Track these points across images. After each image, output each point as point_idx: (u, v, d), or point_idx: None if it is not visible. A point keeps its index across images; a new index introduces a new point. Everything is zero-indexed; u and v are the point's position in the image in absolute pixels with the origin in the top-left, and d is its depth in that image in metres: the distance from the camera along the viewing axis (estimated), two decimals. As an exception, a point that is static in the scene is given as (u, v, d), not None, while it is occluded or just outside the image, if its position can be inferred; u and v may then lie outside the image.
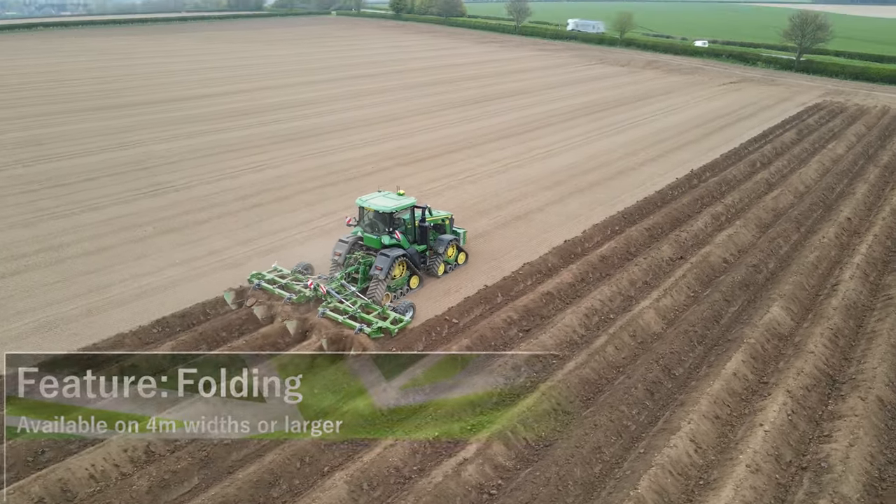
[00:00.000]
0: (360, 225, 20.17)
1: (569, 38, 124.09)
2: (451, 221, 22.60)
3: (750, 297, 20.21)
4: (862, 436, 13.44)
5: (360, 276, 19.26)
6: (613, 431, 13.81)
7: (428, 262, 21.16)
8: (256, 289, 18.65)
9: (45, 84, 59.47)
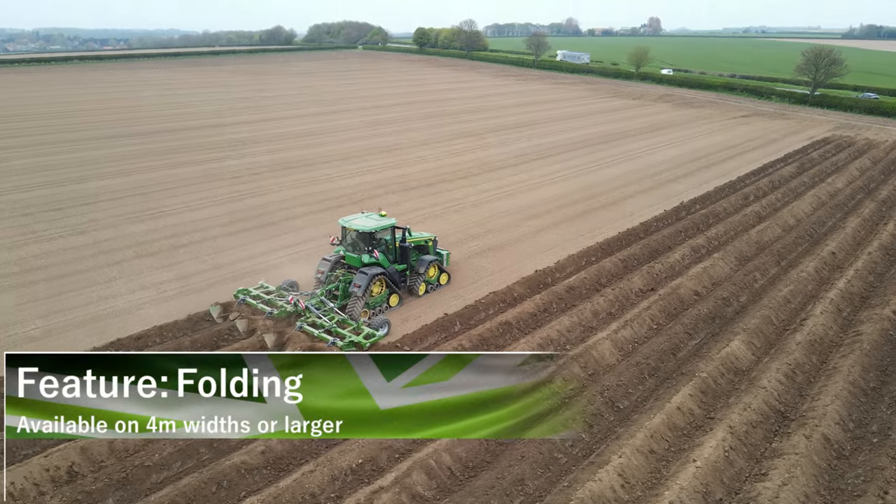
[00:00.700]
0: (343, 244, 21.00)
1: (586, 73, 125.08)
2: (435, 243, 23.42)
3: (714, 331, 19.82)
4: (798, 475, 13.00)
5: (340, 293, 19.99)
6: (541, 463, 13.55)
7: (409, 281, 21.83)
8: (241, 303, 19.53)
9: (65, 114, 61.69)
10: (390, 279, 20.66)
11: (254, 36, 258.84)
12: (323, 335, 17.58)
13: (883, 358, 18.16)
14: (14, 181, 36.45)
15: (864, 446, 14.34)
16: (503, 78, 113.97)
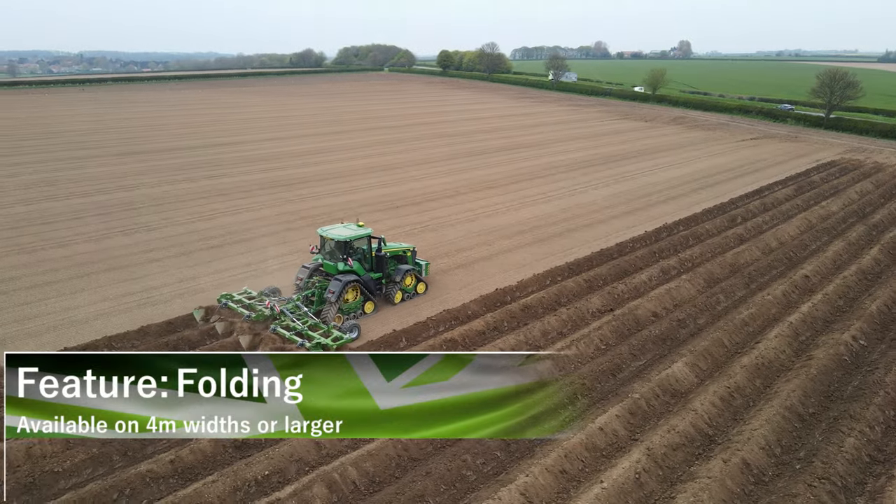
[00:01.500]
0: (322, 253, 22.01)
1: (604, 95, 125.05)
2: (414, 253, 24.38)
3: (663, 353, 19.54)
4: (705, 499, 12.73)
5: (316, 298, 21.00)
6: (447, 480, 13.48)
7: (385, 289, 22.70)
8: (223, 307, 20.38)
9: (84, 132, 63.70)
10: (365, 287, 21.56)
11: (285, 59, 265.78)
12: (293, 337, 18.39)
13: (830, 383, 17.72)
14: (18, 195, 37.75)
15: (785, 472, 14.00)
16: (520, 100, 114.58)
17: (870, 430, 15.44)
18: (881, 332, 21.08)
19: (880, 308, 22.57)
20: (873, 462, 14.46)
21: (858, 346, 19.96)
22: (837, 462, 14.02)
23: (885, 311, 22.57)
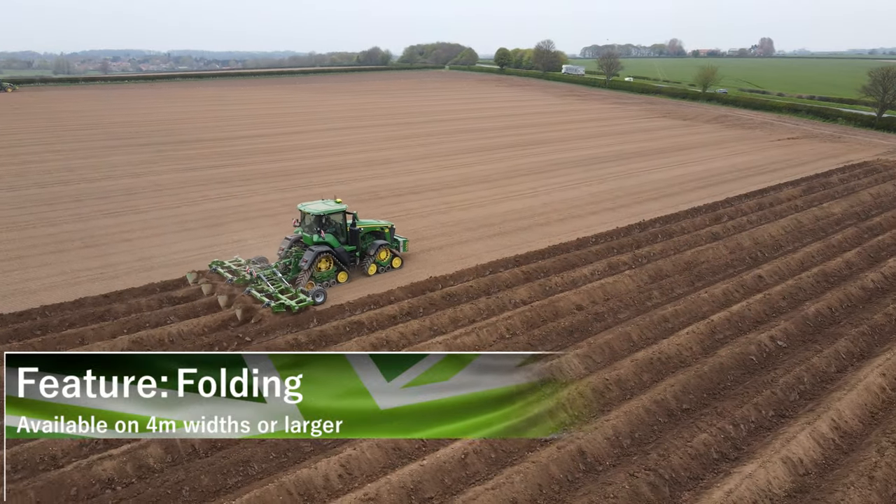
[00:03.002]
0: (301, 226, 24.24)
1: (655, 93, 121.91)
2: (392, 230, 26.09)
3: (563, 344, 19.43)
4: (518, 481, 12.84)
5: (293, 267, 23.29)
6: (279, 449, 14.05)
7: (359, 262, 24.81)
8: (213, 272, 23.17)
9: (127, 124, 67.57)
10: (338, 258, 23.71)
11: (353, 57, 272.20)
12: (263, 298, 20.66)
13: (721, 381, 17.26)
14: (36, 179, 40.71)
15: (621, 462, 13.86)
16: (566, 97, 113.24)
17: (733, 428, 15.03)
18: (810, 335, 20.23)
19: (821, 311, 21.62)
20: (723, 459, 14.10)
21: (775, 346, 19.27)
22: (675, 456, 13.78)
23: (826, 314, 21.59)
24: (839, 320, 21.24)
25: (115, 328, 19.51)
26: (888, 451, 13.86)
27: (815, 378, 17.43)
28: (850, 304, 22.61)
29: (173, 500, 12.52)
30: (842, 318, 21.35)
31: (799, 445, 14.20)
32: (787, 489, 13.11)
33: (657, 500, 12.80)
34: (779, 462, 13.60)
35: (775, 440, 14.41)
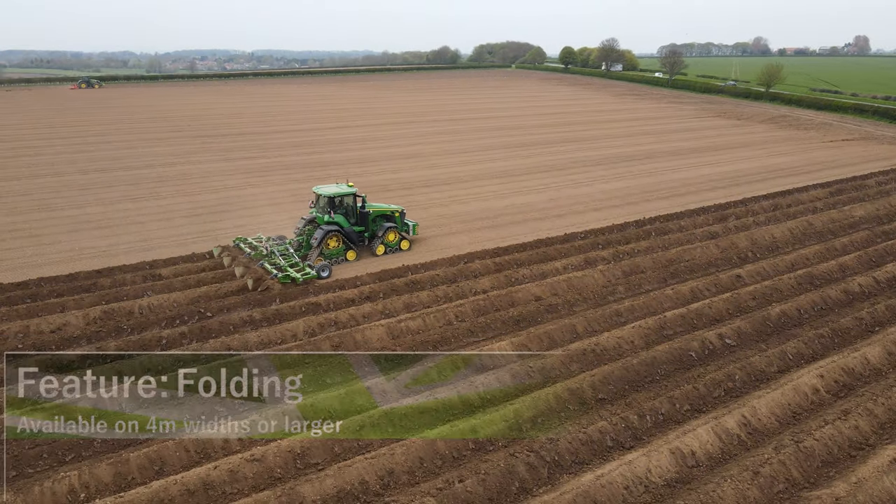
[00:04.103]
0: (315, 207, 26.02)
1: (717, 92, 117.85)
2: (402, 214, 27.61)
3: (504, 332, 19.77)
4: (401, 460, 13.45)
5: (305, 244, 25.42)
6: (198, 414, 15.15)
7: (368, 242, 26.60)
8: (235, 247, 25.51)
9: (184, 118, 71.51)
10: (346, 237, 25.44)
11: (423, 56, 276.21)
12: (272, 269, 22.70)
13: (649, 374, 17.22)
14: (81, 166, 44.02)
15: (511, 444, 14.21)
16: (622, 97, 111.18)
17: (638, 418, 15.08)
18: (766, 335, 19.75)
19: (787, 312, 21.02)
20: (616, 447, 14.23)
21: (722, 344, 18.98)
22: (565, 440, 14.03)
23: (793, 315, 20.98)
24: (803, 322, 20.58)
25: (95, 299, 21.26)
26: (786, 450, 13.61)
27: (749, 377, 17.10)
28: (825, 306, 21.82)
29: (85, 449, 13.79)
30: (806, 321, 20.67)
31: (696, 438, 14.12)
32: (667, 478, 13.12)
33: (532, 479, 13.09)
34: (666, 452, 13.59)
35: (674, 432, 14.37)
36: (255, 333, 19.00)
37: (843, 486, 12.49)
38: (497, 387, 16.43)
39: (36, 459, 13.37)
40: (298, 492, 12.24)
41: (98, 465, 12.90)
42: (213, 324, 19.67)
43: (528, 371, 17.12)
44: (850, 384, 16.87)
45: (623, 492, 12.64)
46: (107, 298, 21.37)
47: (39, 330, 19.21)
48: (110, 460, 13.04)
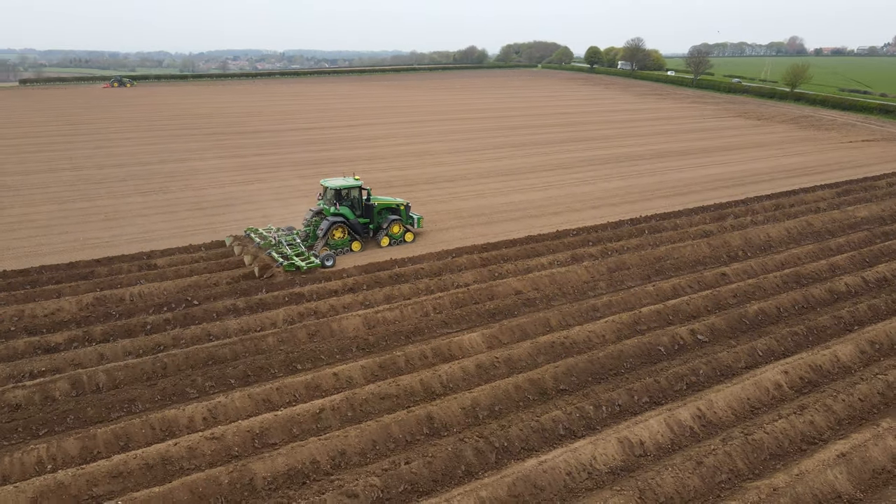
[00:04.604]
0: (323, 199, 26.88)
1: (742, 92, 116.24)
2: (407, 208, 28.31)
3: (478, 324, 20.12)
4: (376, 440, 13.91)
5: (312, 234, 26.50)
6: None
7: (373, 234, 27.42)
8: (246, 237, 26.57)
9: (204, 116, 73.12)
10: (352, 228, 26.34)
11: (450, 56, 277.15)
12: (278, 258, 23.85)
13: (613, 368, 17.47)
14: (97, 161, 45.42)
15: (465, 430, 14.59)
16: (645, 96, 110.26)
17: (594, 409, 15.36)
18: (740, 332, 19.80)
19: (765, 309, 21.01)
20: (568, 435, 14.52)
21: (693, 340, 19.11)
22: (516, 427, 14.37)
23: (772, 313, 20.97)
24: (781, 320, 20.55)
25: (90, 287, 22.18)
26: (734, 442, 13.77)
27: (714, 372, 17.22)
28: (807, 305, 21.75)
29: (58, 424, 14.56)
30: (784, 319, 20.65)
31: (647, 429, 14.34)
32: (612, 466, 13.38)
33: (479, 463, 13.46)
34: (614, 441, 13.85)
35: (626, 423, 14.60)
36: (237, 321, 19.66)
37: (783, 478, 12.62)
38: (461, 376, 16.82)
39: (11, 433, 14.12)
40: (250, 468, 12.79)
41: (66, 439, 13.61)
42: (198, 311, 20.39)
43: (494, 362, 17.47)
44: (815, 381, 16.87)
45: (565, 477, 12.93)
46: (101, 286, 22.27)
47: (34, 314, 20.12)
48: (78, 435, 13.73)
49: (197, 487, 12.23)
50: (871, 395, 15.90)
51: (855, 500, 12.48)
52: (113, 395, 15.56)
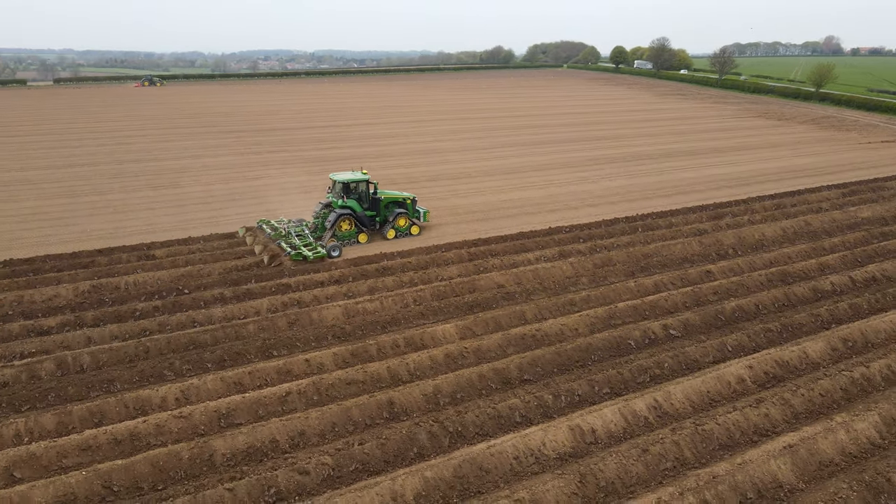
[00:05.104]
0: (332, 192, 27.96)
1: (767, 93, 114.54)
2: (414, 202, 29.33)
3: (454, 315, 20.57)
4: (322, 427, 14.51)
5: (320, 226, 27.37)
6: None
7: (379, 226, 28.41)
8: (259, 228, 27.71)
9: (222, 114, 74.71)
10: (358, 220, 27.33)
11: (477, 56, 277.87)
12: (286, 247, 24.92)
13: (581, 360, 17.79)
14: (119, 157, 46.92)
15: (424, 415, 15.09)
16: (666, 96, 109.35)
17: (553, 398, 15.72)
18: (714, 328, 19.94)
19: (742, 306, 21.10)
20: (524, 422, 14.91)
21: (665, 334, 19.34)
22: (472, 414, 14.81)
23: (750, 310, 21.04)
24: (757, 317, 20.64)
25: (88, 275, 23.18)
26: (683, 432, 14.03)
27: (680, 365, 17.43)
28: (787, 303, 21.77)
29: (39, 401, 15.41)
30: (762, 316, 20.72)
31: (600, 417, 14.66)
32: (560, 452, 13.74)
33: (431, 446, 13.94)
34: (565, 428, 14.20)
35: (581, 411, 14.94)
36: (222, 309, 20.42)
37: (725, 466, 12.86)
38: (428, 365, 17.30)
39: (-5, 408, 14.99)
40: (211, 445, 13.45)
41: (44, 414, 14.42)
42: (187, 300, 21.21)
43: (463, 352, 17.91)
44: (780, 376, 16.98)
45: (512, 461, 13.33)
46: (99, 274, 23.25)
47: (32, 300, 21.15)
48: (56, 411, 14.54)
49: (158, 461, 12.91)
50: (833, 390, 15.98)
51: (795, 490, 12.64)
52: (94, 376, 16.37)
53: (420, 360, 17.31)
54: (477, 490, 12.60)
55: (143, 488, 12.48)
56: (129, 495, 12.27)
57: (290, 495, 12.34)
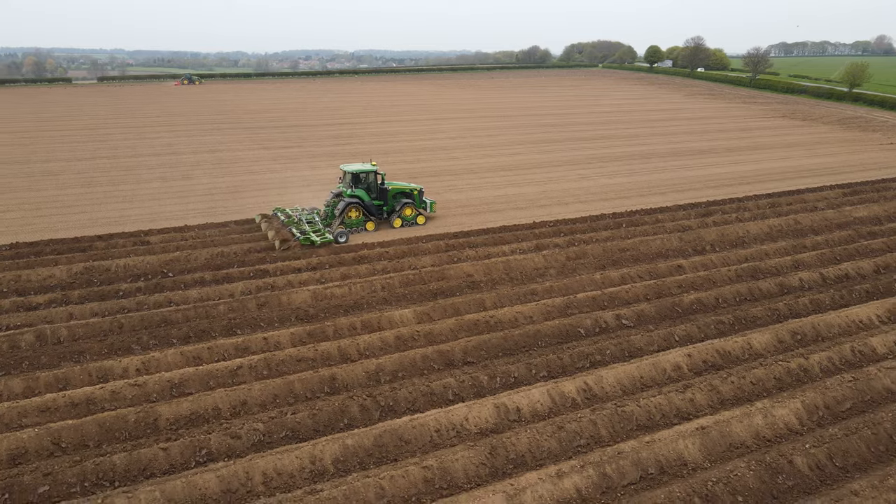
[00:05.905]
0: (342, 182, 29.53)
1: (800, 92, 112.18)
2: (421, 193, 30.61)
3: (417, 301, 21.37)
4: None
5: (330, 214, 28.86)
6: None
7: (387, 215, 29.82)
8: (274, 216, 29.28)
9: (254, 111, 76.82)
10: (366, 209, 28.76)
11: (514, 55, 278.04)
12: (296, 233, 26.42)
13: (527, 345, 18.42)
14: (137, 150, 49.04)
15: (361, 390, 15.97)
16: (695, 96, 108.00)
17: (488, 379, 16.43)
18: (668, 319, 20.34)
19: (703, 299, 21.43)
20: (456, 400, 15.65)
21: (616, 324, 19.83)
22: (406, 391, 15.64)
23: (709, 303, 21.37)
24: (714, 310, 20.94)
25: (83, 258, 24.72)
26: (603, 412, 14.61)
27: (623, 352, 17.94)
28: (749, 297, 21.99)
29: (14, 368, 16.80)
30: (718, 309, 21.01)
31: (527, 397, 15.33)
32: (482, 427, 14.45)
33: (361, 418, 14.81)
34: (490, 406, 14.91)
35: (511, 391, 15.63)
36: (198, 291, 21.66)
37: (632, 444, 13.41)
38: (378, 346, 18.18)
39: (-27, 373, 16.42)
40: (156, 410, 14.58)
41: (14, 379, 15.78)
42: (168, 282, 22.53)
43: (415, 335, 18.74)
44: (718, 365, 17.35)
45: (433, 434, 14.12)
46: (94, 258, 24.77)
47: (29, 279, 22.73)
48: (25, 377, 15.89)
49: (105, 423, 14.08)
50: (765, 379, 16.30)
51: (698, 468, 13.12)
52: (67, 347, 17.71)
53: (370, 341, 18.19)
54: (393, 458, 13.41)
55: (89, 445, 13.63)
56: (74, 451, 13.42)
57: (220, 456, 13.35)
